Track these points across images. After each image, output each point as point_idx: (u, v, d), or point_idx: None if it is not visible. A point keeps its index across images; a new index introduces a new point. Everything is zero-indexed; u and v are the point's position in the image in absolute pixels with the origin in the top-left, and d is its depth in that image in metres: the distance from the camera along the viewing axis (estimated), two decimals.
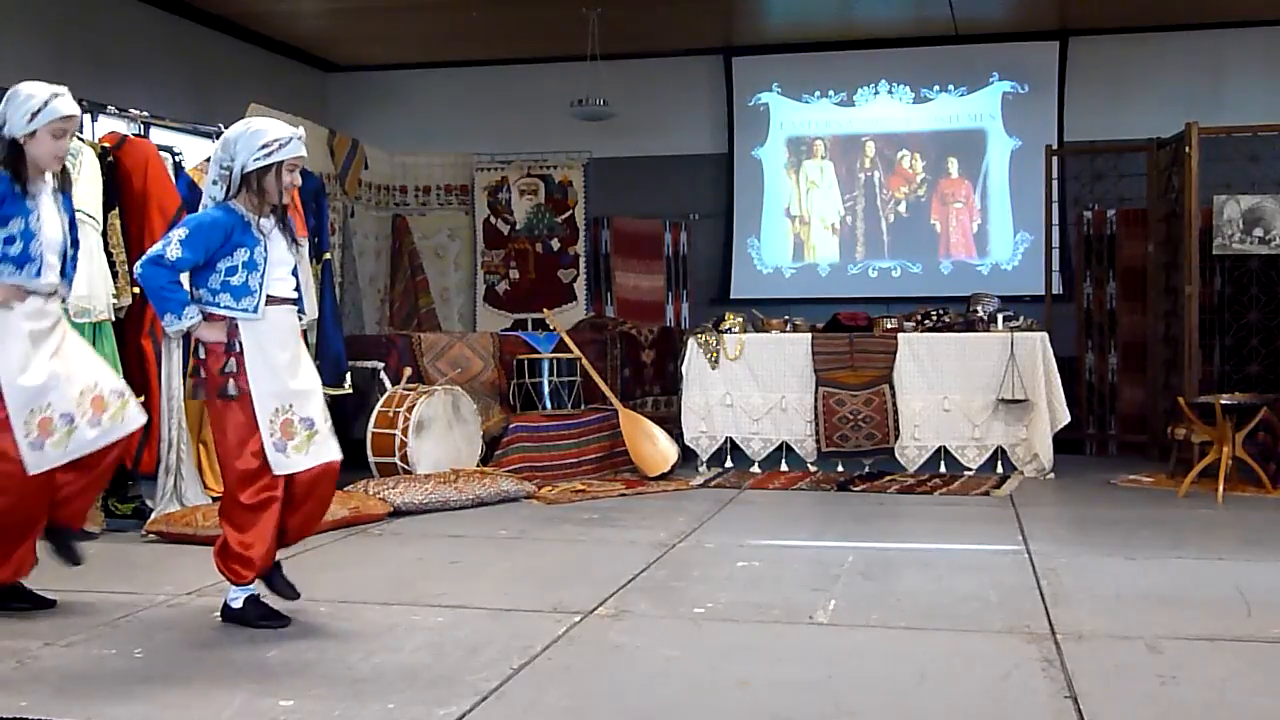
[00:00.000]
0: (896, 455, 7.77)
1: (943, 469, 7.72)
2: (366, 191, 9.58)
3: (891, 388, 7.77)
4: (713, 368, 7.99)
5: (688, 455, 7.96)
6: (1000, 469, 7.69)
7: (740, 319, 8.32)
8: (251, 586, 4.04)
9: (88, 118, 5.98)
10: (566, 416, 7.63)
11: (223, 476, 4.06)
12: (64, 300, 4.24)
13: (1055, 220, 9.25)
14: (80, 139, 5.68)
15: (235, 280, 3.94)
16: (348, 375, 7.22)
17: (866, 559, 5.14)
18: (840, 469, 7.80)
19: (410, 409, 7.07)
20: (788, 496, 7.07)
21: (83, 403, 4.08)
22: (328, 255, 7.32)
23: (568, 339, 8.01)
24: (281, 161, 3.96)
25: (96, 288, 5.44)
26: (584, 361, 7.97)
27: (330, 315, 7.17)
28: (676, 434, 7.94)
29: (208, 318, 3.93)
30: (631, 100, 10.03)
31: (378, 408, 7.22)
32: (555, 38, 9.87)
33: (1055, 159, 9.34)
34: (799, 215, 10.72)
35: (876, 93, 10.58)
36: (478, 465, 7.18)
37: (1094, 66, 10.09)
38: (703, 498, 6.91)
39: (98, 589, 4.52)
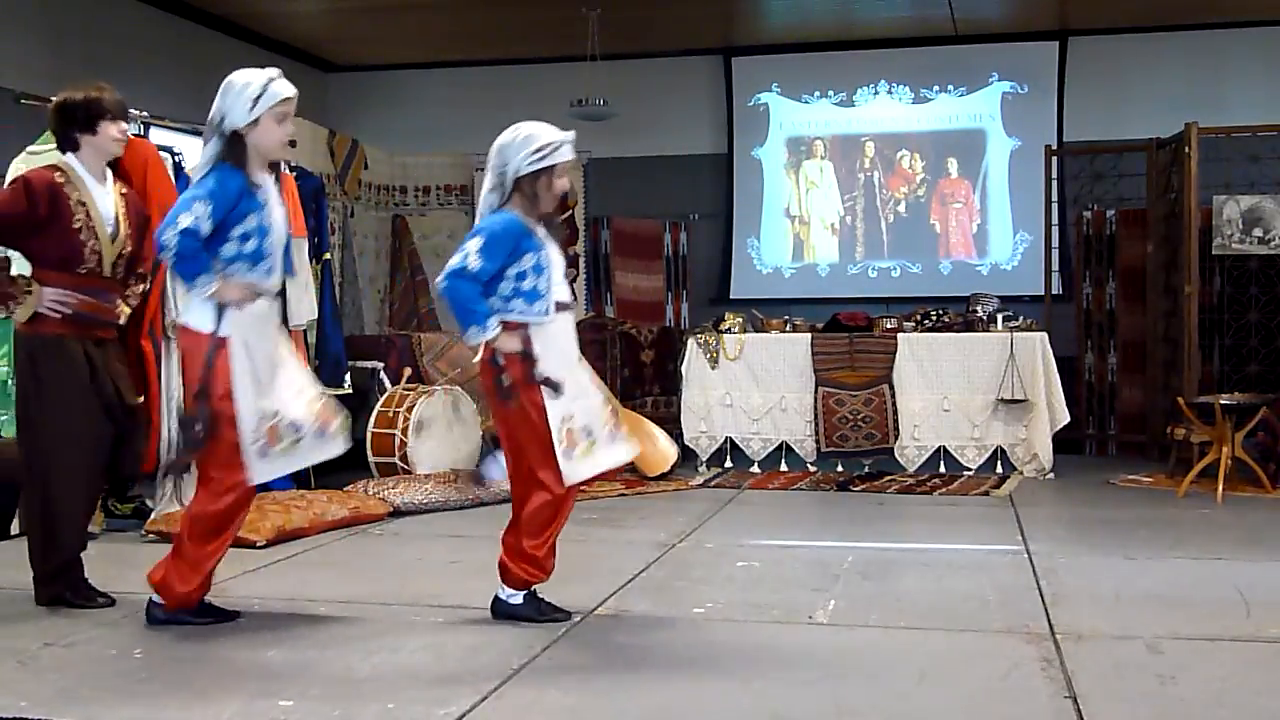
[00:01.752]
0: (896, 455, 7.77)
1: (942, 469, 7.72)
2: (366, 191, 9.58)
3: (891, 388, 7.77)
4: (712, 368, 7.99)
5: (688, 455, 7.96)
6: (1000, 469, 7.70)
7: (740, 319, 8.33)
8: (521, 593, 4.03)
9: None
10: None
11: (512, 486, 4.03)
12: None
13: (1055, 220, 9.25)
14: None
15: (526, 285, 3.90)
16: (347, 375, 7.22)
17: (866, 559, 5.14)
18: (840, 469, 7.80)
19: (410, 409, 7.07)
20: (787, 496, 7.07)
21: (310, 411, 4.00)
22: (328, 255, 7.33)
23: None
24: (553, 166, 3.91)
25: None
26: (584, 361, 7.95)
27: (330, 315, 7.17)
28: (676, 434, 7.94)
29: (502, 326, 3.87)
30: (631, 100, 10.02)
31: (377, 408, 7.22)
32: (555, 38, 9.87)
33: (1055, 159, 9.35)
34: (799, 215, 10.72)
35: (876, 93, 10.57)
36: (477, 465, 7.18)
37: (1094, 66, 10.09)
38: (703, 498, 6.91)
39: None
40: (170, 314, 5.95)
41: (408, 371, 7.72)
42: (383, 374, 7.74)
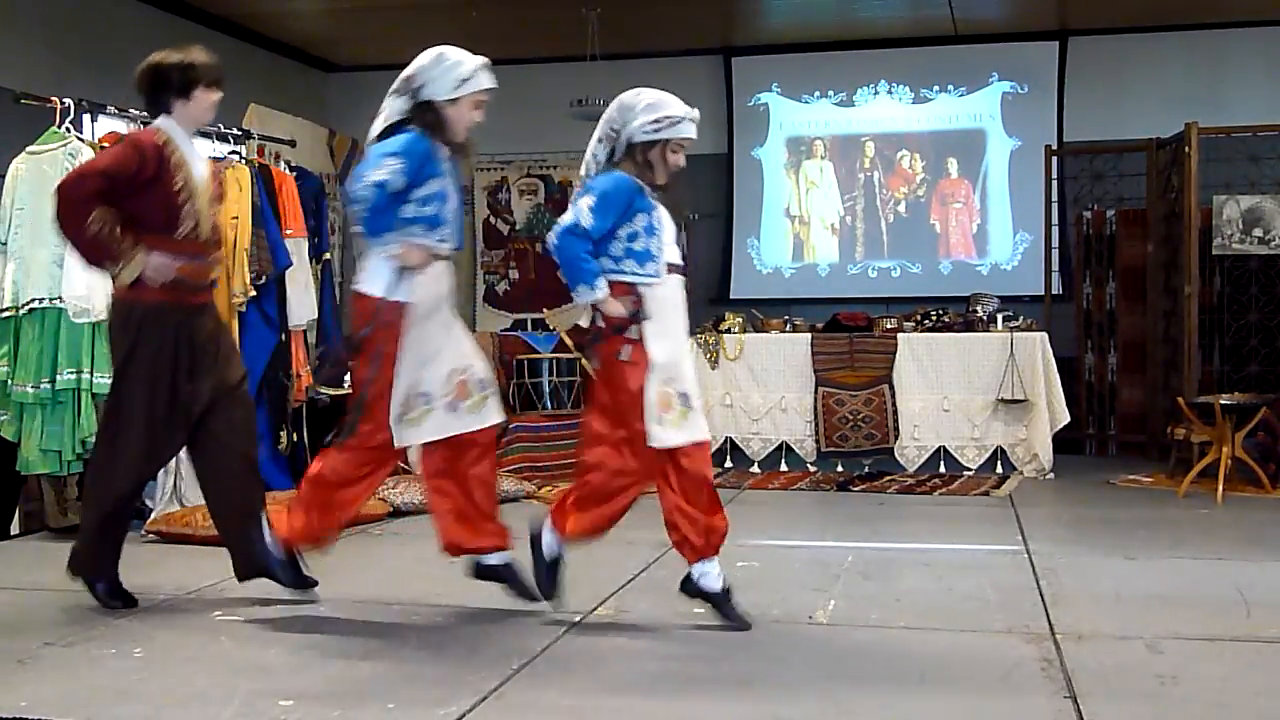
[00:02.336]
0: (896, 455, 7.77)
1: (942, 469, 7.72)
2: None
3: (891, 388, 7.77)
4: (712, 368, 7.99)
5: None
6: (1000, 469, 7.70)
7: (740, 319, 8.33)
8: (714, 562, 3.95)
9: (87, 118, 5.98)
10: (566, 416, 7.62)
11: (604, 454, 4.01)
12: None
13: (1055, 220, 9.25)
14: (80, 139, 5.68)
15: (638, 246, 3.88)
16: (347, 375, 7.20)
17: (866, 559, 5.14)
18: (840, 469, 7.80)
19: None
20: (787, 496, 7.07)
21: (448, 384, 4.00)
22: (328, 255, 7.32)
23: (568, 339, 8.01)
24: (669, 140, 3.89)
25: (95, 288, 5.42)
26: (584, 361, 7.96)
27: (330, 315, 7.16)
28: None
29: (611, 287, 3.84)
30: None
31: None
32: (555, 38, 9.87)
33: (1055, 159, 9.34)
34: (799, 215, 10.71)
35: (876, 93, 10.57)
36: None
37: (1094, 66, 10.08)
38: None
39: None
40: None
41: None
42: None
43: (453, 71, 3.91)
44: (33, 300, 5.46)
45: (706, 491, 3.92)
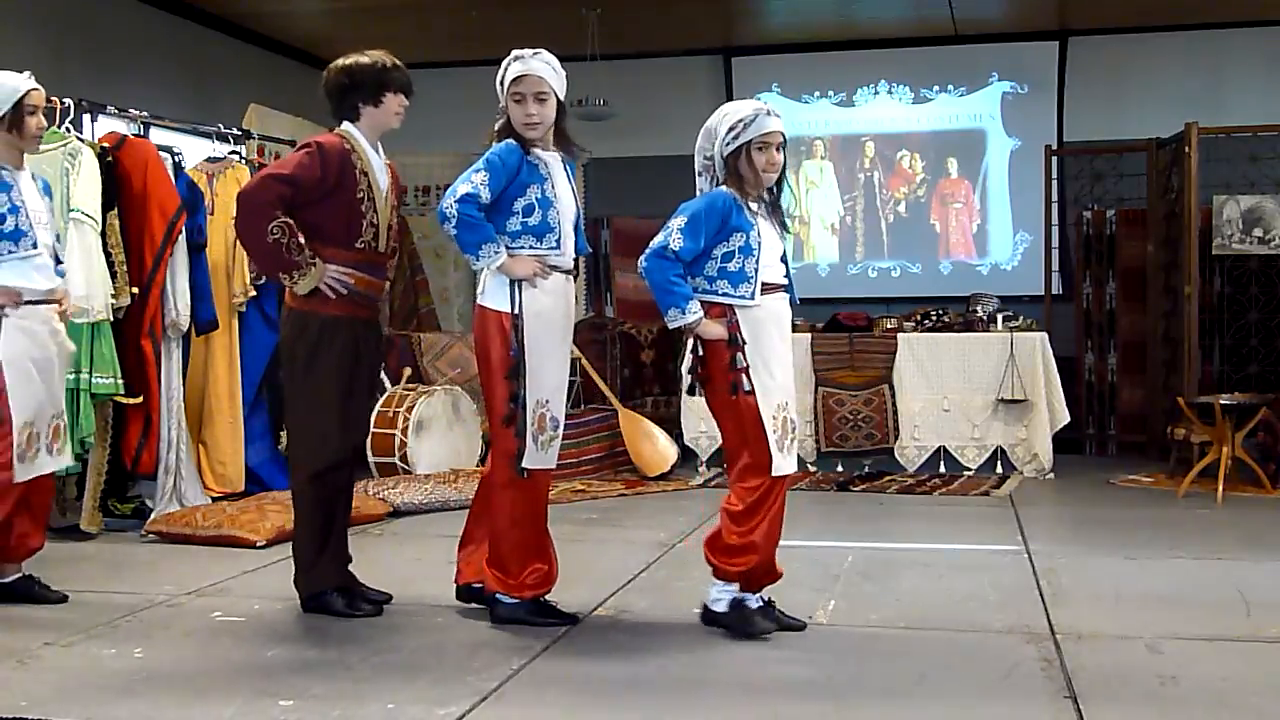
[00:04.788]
0: (896, 455, 7.77)
1: (942, 469, 7.72)
2: None
3: (891, 388, 7.77)
4: None
5: (687, 455, 7.96)
6: (1000, 469, 7.69)
7: None
8: (732, 588, 3.89)
9: (87, 118, 5.98)
10: (566, 416, 7.61)
11: (728, 472, 3.91)
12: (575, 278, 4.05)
13: (1055, 220, 9.25)
14: (80, 139, 5.68)
15: (732, 266, 3.81)
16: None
17: (866, 559, 5.14)
18: (840, 469, 7.80)
19: (410, 409, 7.07)
20: (788, 496, 7.06)
21: (563, 411, 3.96)
22: None
23: None
24: (749, 142, 3.81)
25: (95, 288, 5.44)
26: (584, 361, 7.96)
27: None
28: (676, 434, 7.94)
29: (705, 308, 3.80)
30: (631, 100, 10.01)
31: (377, 408, 7.21)
32: (555, 38, 9.77)
33: (1055, 159, 9.34)
34: (798, 215, 10.70)
35: (876, 93, 10.57)
36: (477, 465, 7.18)
37: (1094, 66, 10.08)
38: (703, 498, 6.91)
39: (98, 589, 4.52)
40: (170, 314, 5.96)
41: (407, 371, 7.72)
42: (382, 374, 7.74)
43: (498, 78, 3.90)
44: None
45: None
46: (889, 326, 8.12)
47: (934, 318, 8.16)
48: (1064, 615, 4.11)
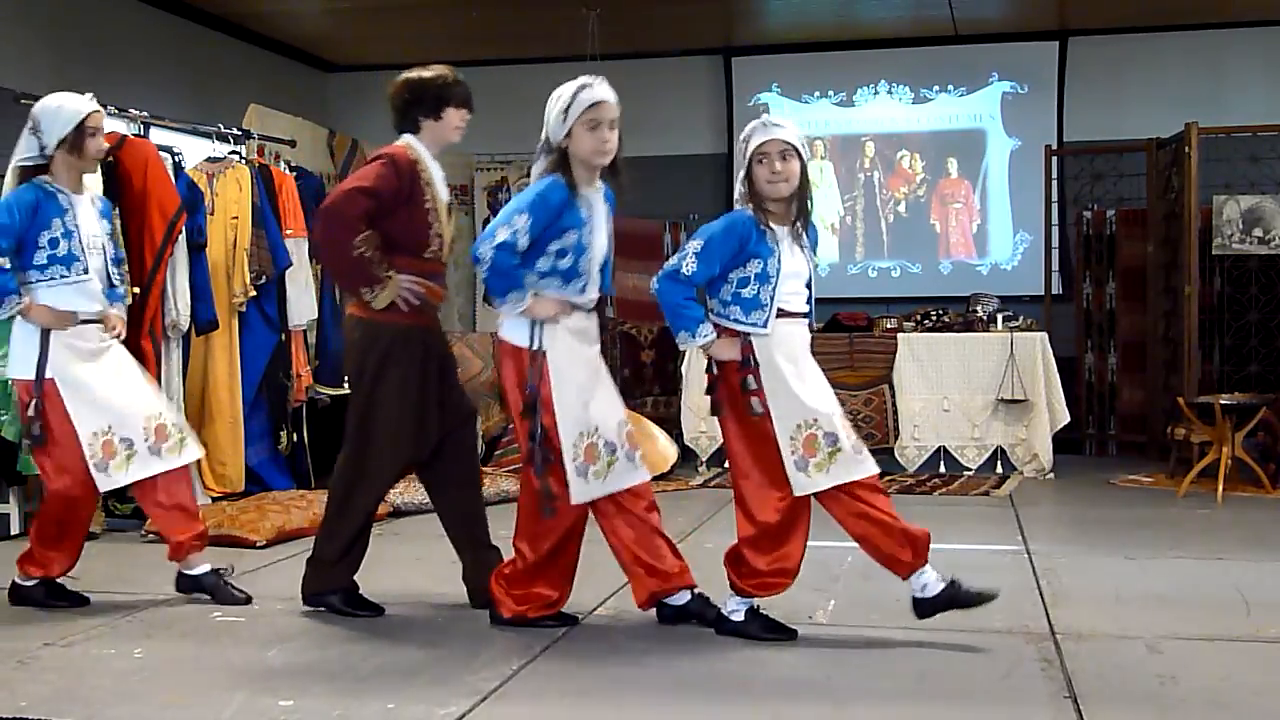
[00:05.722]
0: (896, 455, 7.77)
1: (942, 469, 7.72)
2: None
3: (891, 388, 7.77)
4: None
5: (687, 455, 7.96)
6: (1000, 469, 7.70)
7: None
8: (750, 600, 3.86)
9: None
10: None
11: (736, 492, 3.85)
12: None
13: (1055, 220, 9.25)
14: None
15: (746, 293, 3.73)
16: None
17: (866, 559, 5.11)
18: None
19: None
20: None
21: (621, 433, 3.86)
22: None
23: None
24: (750, 156, 3.72)
25: None
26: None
27: (330, 315, 7.16)
28: (676, 434, 7.94)
29: (719, 332, 3.75)
30: (631, 100, 9.93)
31: None
32: (555, 38, 9.86)
33: (1055, 159, 9.35)
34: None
35: (876, 93, 10.57)
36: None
37: (1094, 66, 10.08)
38: (703, 498, 6.91)
39: (98, 589, 4.52)
40: (170, 314, 5.96)
41: None
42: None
43: (554, 107, 3.78)
44: None
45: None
46: (889, 326, 8.12)
47: (934, 318, 8.16)
48: (1064, 615, 4.11)
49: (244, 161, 6.68)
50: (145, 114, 6.29)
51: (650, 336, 8.93)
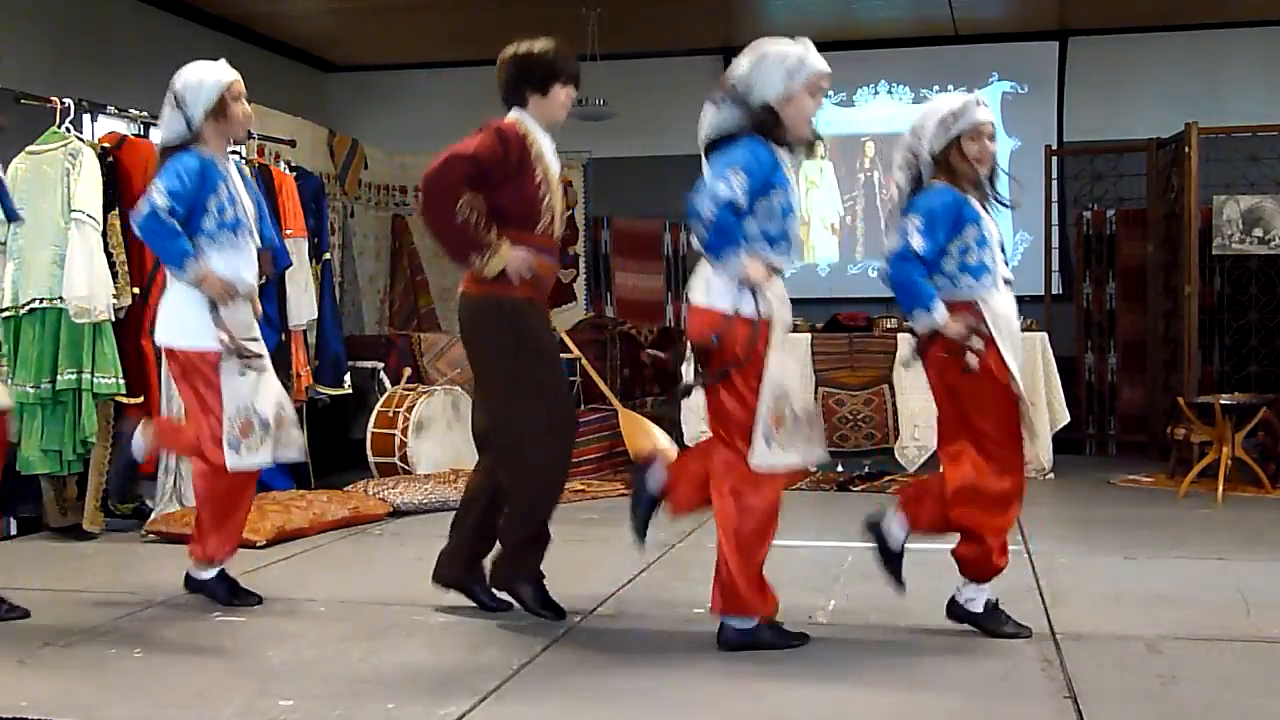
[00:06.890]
0: (896, 455, 7.76)
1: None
2: (366, 192, 9.57)
3: (891, 388, 7.76)
4: None
5: None
6: None
7: None
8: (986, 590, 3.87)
9: (87, 118, 5.98)
10: None
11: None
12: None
13: (1055, 220, 9.25)
14: (80, 139, 5.69)
15: (971, 259, 3.77)
16: (347, 375, 7.22)
17: (866, 559, 5.11)
18: (840, 469, 7.80)
19: (410, 409, 7.07)
20: (788, 496, 6.99)
21: (806, 410, 3.78)
22: (327, 255, 7.32)
23: (567, 339, 8.00)
24: (962, 133, 3.73)
25: (96, 288, 5.44)
26: (584, 361, 7.96)
27: (330, 315, 7.16)
28: (676, 434, 7.93)
29: (951, 306, 3.71)
30: (631, 100, 10.01)
31: (377, 408, 7.22)
32: (554, 38, 9.88)
33: (1055, 159, 9.34)
34: (799, 215, 10.72)
35: (876, 93, 10.57)
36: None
37: (1094, 66, 10.09)
38: None
39: (98, 589, 4.52)
40: None
41: (407, 371, 7.72)
42: (382, 374, 7.74)
43: (779, 66, 3.65)
44: (33, 300, 5.46)
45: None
46: (889, 326, 8.12)
47: None
48: (1064, 615, 4.11)
49: (244, 161, 6.67)
50: (145, 114, 6.29)
51: (650, 336, 8.93)
